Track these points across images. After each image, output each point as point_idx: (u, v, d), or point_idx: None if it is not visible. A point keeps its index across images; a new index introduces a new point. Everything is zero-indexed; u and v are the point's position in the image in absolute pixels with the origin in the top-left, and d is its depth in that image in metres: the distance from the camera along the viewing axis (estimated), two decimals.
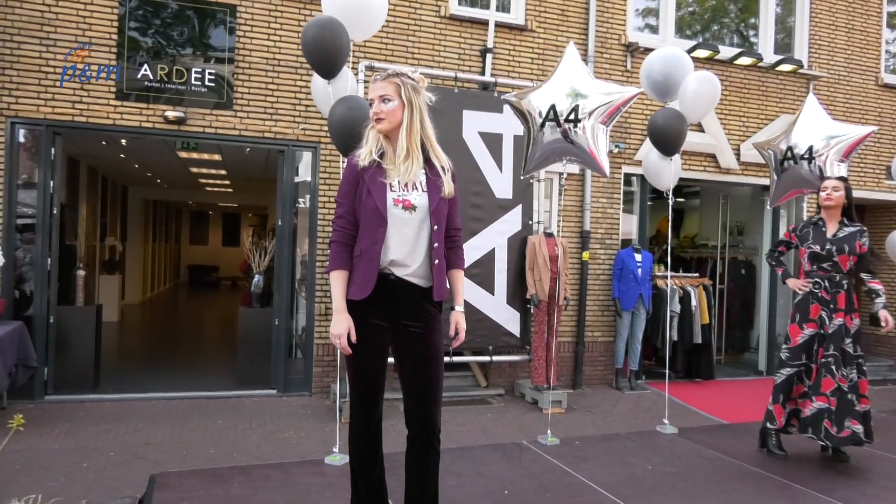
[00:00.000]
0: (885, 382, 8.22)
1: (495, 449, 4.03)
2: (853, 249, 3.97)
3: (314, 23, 4.02)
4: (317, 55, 4.03)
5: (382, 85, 2.49)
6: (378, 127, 2.50)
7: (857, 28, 8.53)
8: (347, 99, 4.11)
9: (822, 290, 4.02)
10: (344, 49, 4.09)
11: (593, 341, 7.21)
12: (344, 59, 4.13)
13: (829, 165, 5.16)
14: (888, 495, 3.39)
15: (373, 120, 2.51)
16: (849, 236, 4.01)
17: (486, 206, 6.39)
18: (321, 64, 4.07)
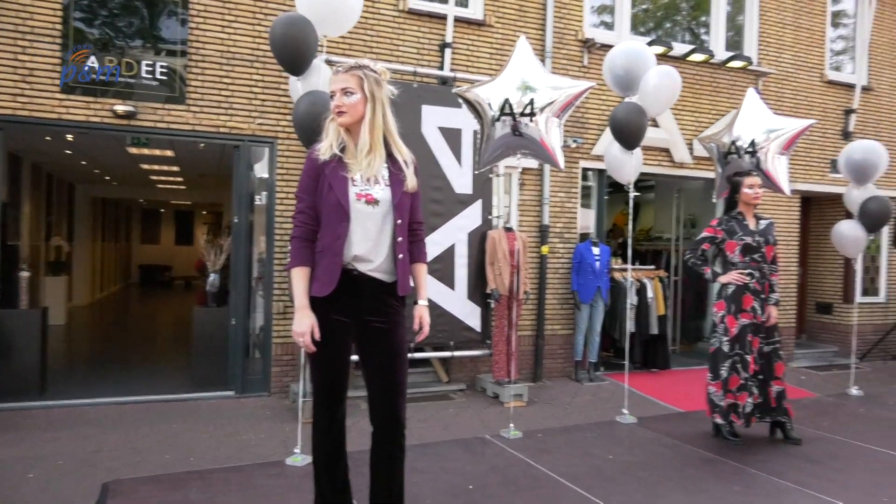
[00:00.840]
0: (830, 368, 8.53)
1: (458, 444, 4.03)
2: (774, 240, 4.23)
3: (281, 20, 4.01)
4: (284, 52, 4.01)
5: (345, 77, 2.45)
6: (339, 120, 2.45)
7: (804, 26, 8.81)
8: (312, 94, 4.05)
9: (754, 281, 4.17)
10: (312, 46, 4.06)
11: (553, 334, 7.28)
12: (312, 55, 4.10)
13: (771, 158, 5.32)
14: (836, 476, 3.51)
15: (334, 113, 2.46)
16: (767, 228, 4.29)
17: (446, 202, 6.38)
18: (289, 61, 4.04)
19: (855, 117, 9.09)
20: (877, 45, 9.39)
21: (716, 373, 4.20)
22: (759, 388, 4.12)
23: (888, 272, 9.64)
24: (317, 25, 4.12)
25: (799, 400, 5.75)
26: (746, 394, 4.08)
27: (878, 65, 9.43)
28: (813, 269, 9.98)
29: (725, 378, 4.09)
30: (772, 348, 4.18)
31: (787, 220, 8.74)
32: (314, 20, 4.09)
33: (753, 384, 4.09)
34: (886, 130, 9.38)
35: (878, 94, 9.40)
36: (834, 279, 9.69)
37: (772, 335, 4.20)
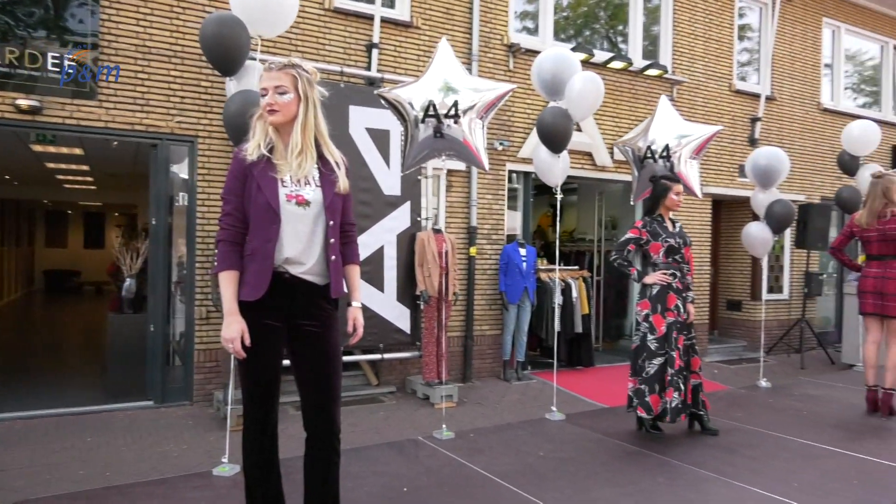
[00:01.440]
0: (740, 362, 9.02)
1: (391, 447, 4.00)
2: (689, 241, 4.50)
3: (212, 19, 3.89)
4: (215, 52, 3.88)
5: (278, 75, 2.39)
6: (271, 119, 2.39)
7: (714, 38, 9.30)
8: (244, 93, 3.93)
9: (676, 281, 4.36)
10: (244, 46, 3.95)
11: (481, 335, 7.36)
12: (244, 55, 3.98)
13: (683, 162, 5.59)
14: (751, 464, 3.71)
15: (265, 111, 2.39)
16: (682, 230, 4.51)
17: (375, 203, 6.33)
18: (221, 61, 3.92)
19: (760, 125, 9.67)
20: (779, 57, 10.03)
21: (635, 369, 4.35)
22: (684, 384, 4.29)
23: (791, 271, 10.31)
24: (250, 25, 4.03)
25: (714, 393, 6.05)
26: (673, 389, 4.21)
27: (779, 76, 10.07)
28: (723, 268, 10.54)
29: (651, 375, 4.24)
30: (689, 344, 4.38)
31: (700, 222, 9.19)
32: (248, 20, 4.00)
33: (680, 380, 4.25)
34: (788, 138, 10.03)
35: (780, 104, 10.04)
36: (742, 278, 10.27)
37: (690, 331, 4.41)
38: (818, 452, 3.95)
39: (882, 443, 4.14)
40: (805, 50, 10.40)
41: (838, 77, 11.12)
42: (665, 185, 4.43)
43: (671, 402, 4.20)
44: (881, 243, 4.99)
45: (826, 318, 10.80)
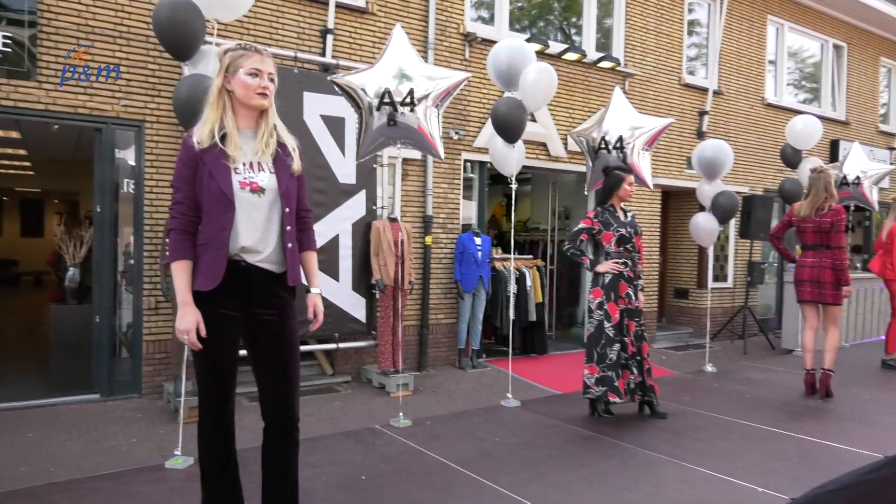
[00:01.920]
0: (687, 348, 9.31)
1: (348, 436, 3.99)
2: (640, 231, 4.58)
3: (166, 3, 3.76)
4: (169, 36, 3.77)
5: (269, 62, 2.41)
6: (260, 102, 2.37)
7: (664, 32, 9.50)
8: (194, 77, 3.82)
9: (628, 269, 4.46)
10: (199, 30, 3.84)
11: (437, 323, 7.38)
12: (199, 40, 3.87)
13: (637, 154, 5.72)
14: (698, 445, 3.85)
15: (256, 93, 2.35)
16: (633, 220, 4.59)
17: (330, 192, 6.26)
18: (174, 45, 3.82)
19: (708, 118, 9.94)
20: (726, 53, 10.32)
21: (590, 356, 4.44)
22: (637, 367, 4.41)
23: (735, 260, 10.67)
24: (206, 9, 3.92)
25: (662, 378, 6.23)
26: (629, 372, 4.37)
27: (726, 71, 10.36)
28: (671, 257, 10.84)
29: (615, 361, 4.33)
30: (640, 331, 4.50)
31: (650, 212, 9.41)
32: (203, 3, 3.89)
33: (633, 364, 4.38)
34: (734, 131, 10.35)
35: (726, 98, 10.35)
36: (689, 267, 10.58)
37: (640, 318, 4.52)
38: (760, 433, 4.11)
39: (820, 424, 4.34)
40: (751, 46, 10.72)
41: (781, 73, 11.52)
42: (618, 175, 4.51)
43: (628, 383, 4.36)
44: (816, 234, 5.22)
45: (767, 306, 11.23)
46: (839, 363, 6.32)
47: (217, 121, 2.34)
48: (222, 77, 2.36)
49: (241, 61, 2.35)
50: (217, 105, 2.36)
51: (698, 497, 3.02)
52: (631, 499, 3.00)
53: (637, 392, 4.43)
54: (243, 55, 2.36)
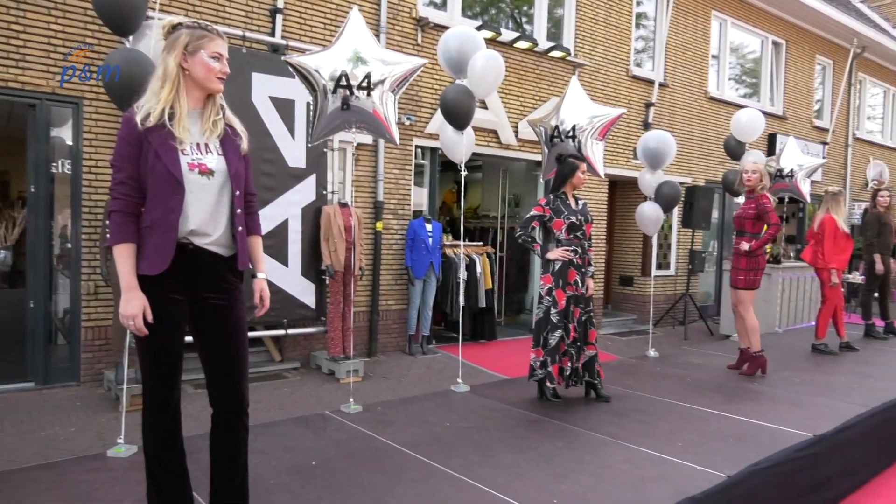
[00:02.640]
0: (630, 334, 9.58)
1: (298, 422, 3.95)
2: (591, 219, 4.59)
3: None
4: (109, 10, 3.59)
5: (224, 45, 2.36)
6: (218, 87, 2.34)
7: (613, 24, 9.65)
8: (130, 52, 3.66)
9: (577, 257, 4.50)
10: (141, 5, 3.69)
11: (387, 309, 7.37)
12: (141, 15, 3.72)
13: (590, 144, 5.81)
14: (641, 427, 3.97)
15: (216, 77, 2.31)
16: (584, 207, 4.60)
17: (279, 175, 6.15)
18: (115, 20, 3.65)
19: (654, 110, 10.18)
20: (672, 46, 10.57)
21: (537, 341, 4.52)
22: (577, 353, 4.52)
23: (677, 248, 11.00)
24: None
25: (607, 363, 6.38)
26: (568, 359, 4.45)
27: (672, 64, 10.62)
28: (618, 245, 11.10)
29: (553, 346, 4.42)
30: (587, 317, 4.60)
31: (598, 201, 9.60)
32: None
33: (573, 350, 4.48)
34: (678, 123, 10.63)
35: (672, 91, 10.61)
36: (634, 255, 10.86)
37: (588, 305, 4.62)
38: (700, 415, 4.28)
39: (755, 405, 4.54)
40: (695, 40, 11.01)
41: (724, 68, 11.88)
42: (572, 164, 4.56)
43: (566, 370, 4.45)
44: (739, 221, 5.60)
45: (707, 293, 11.65)
46: (773, 347, 6.62)
47: (171, 101, 2.26)
48: (180, 55, 2.27)
49: (203, 42, 2.29)
50: (172, 84, 2.26)
51: (641, 476, 3.12)
52: (577, 478, 3.08)
53: (573, 378, 4.51)
54: (206, 37, 2.30)
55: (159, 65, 2.30)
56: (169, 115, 2.24)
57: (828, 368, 5.81)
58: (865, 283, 7.54)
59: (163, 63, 2.29)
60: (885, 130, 17.24)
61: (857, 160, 15.42)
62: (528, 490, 2.92)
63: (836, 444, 3.81)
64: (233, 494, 2.41)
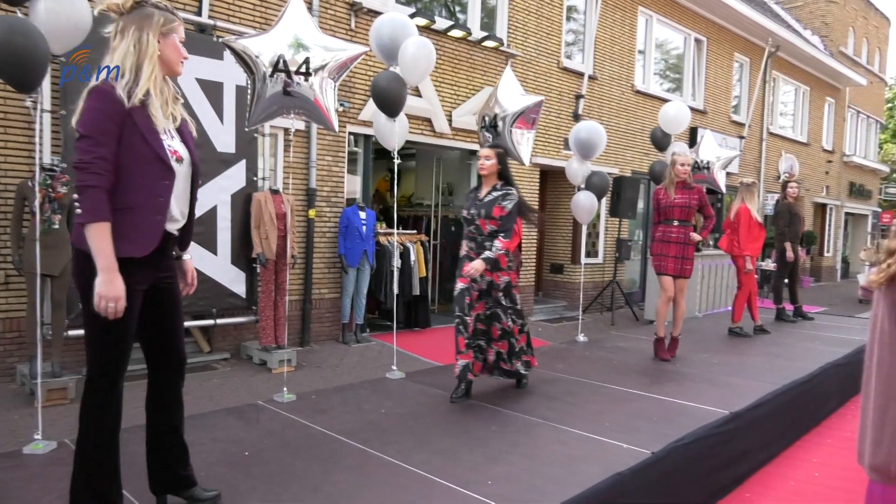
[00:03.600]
0: (561, 320, 9.83)
1: (229, 413, 3.87)
2: (490, 213, 4.15)
3: None
4: None
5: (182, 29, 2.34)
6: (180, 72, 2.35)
7: (545, 16, 9.80)
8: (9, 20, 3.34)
9: (471, 251, 4.26)
10: None
11: (320, 298, 7.29)
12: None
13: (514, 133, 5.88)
14: (571, 409, 4.10)
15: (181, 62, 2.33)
16: (491, 201, 4.18)
17: (207, 160, 5.93)
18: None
19: (583, 102, 10.43)
20: (601, 40, 10.84)
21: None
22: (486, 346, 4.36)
23: (605, 237, 11.35)
24: None
25: (539, 348, 6.52)
26: (473, 352, 4.27)
27: (601, 57, 10.90)
28: (549, 234, 11.34)
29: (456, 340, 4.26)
30: (491, 312, 4.34)
31: (529, 190, 9.77)
32: None
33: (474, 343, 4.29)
34: (606, 115, 10.93)
35: (600, 83, 10.89)
36: (564, 243, 11.13)
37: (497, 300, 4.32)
38: (626, 396, 4.45)
39: (677, 385, 4.76)
40: (623, 35, 11.33)
41: (649, 63, 12.28)
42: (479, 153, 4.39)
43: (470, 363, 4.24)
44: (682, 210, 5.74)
45: (633, 280, 12.09)
46: (693, 331, 6.96)
47: (155, 81, 2.18)
48: (157, 34, 2.19)
49: (175, 26, 2.27)
50: (152, 63, 2.18)
51: (571, 455, 3.23)
52: (511, 460, 3.15)
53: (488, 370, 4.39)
54: (176, 22, 2.28)
55: (129, 38, 2.15)
56: (146, 95, 2.16)
57: (743, 350, 6.15)
58: (777, 270, 8.01)
59: (137, 38, 2.16)
60: (796, 126, 18.30)
61: (770, 154, 16.30)
62: (463, 473, 2.97)
63: (749, 420, 4.05)
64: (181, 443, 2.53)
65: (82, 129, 2.08)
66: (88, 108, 2.09)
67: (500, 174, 4.27)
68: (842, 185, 20.96)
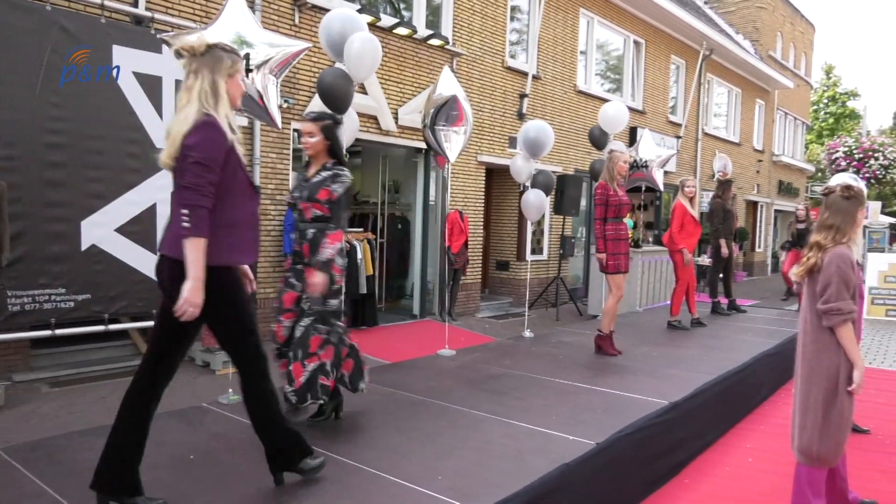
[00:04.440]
0: (507, 317, 9.96)
1: (172, 415, 3.77)
2: (313, 195, 3.39)
3: None
4: None
5: None
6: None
7: (490, 15, 9.90)
8: None
9: (296, 242, 3.48)
10: None
11: (265, 297, 7.17)
12: None
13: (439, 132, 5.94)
14: (518, 403, 4.18)
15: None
16: (317, 183, 3.42)
17: (145, 157, 5.76)
18: None
19: (527, 101, 10.58)
20: (544, 40, 11.02)
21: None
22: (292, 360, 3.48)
23: (550, 234, 11.55)
24: None
25: (486, 345, 6.64)
26: (287, 361, 3.49)
27: (544, 57, 11.08)
28: (494, 232, 11.47)
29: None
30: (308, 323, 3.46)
31: (475, 188, 9.86)
32: None
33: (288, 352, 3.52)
34: (550, 114, 11.13)
35: (544, 83, 11.08)
36: (510, 240, 11.27)
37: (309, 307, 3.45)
38: (571, 389, 4.56)
39: (619, 378, 4.90)
40: (565, 36, 11.55)
41: (591, 63, 12.56)
42: None
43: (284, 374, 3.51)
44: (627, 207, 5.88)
45: (577, 276, 12.35)
46: (634, 325, 7.17)
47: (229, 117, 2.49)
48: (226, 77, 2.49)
49: (239, 66, 2.57)
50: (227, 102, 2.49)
51: (519, 448, 3.29)
52: (461, 455, 3.19)
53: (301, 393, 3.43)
54: (240, 62, 2.59)
55: (203, 80, 2.44)
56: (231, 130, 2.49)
57: (681, 342, 6.39)
58: (712, 265, 8.34)
59: (211, 81, 2.45)
60: (729, 127, 19.05)
61: (705, 153, 16.93)
62: (413, 469, 2.99)
63: (687, 409, 4.22)
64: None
65: (198, 155, 2.36)
66: (206, 137, 2.38)
67: (329, 151, 3.49)
68: (771, 183, 21.95)
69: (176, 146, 2.37)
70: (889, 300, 11.07)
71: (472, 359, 5.48)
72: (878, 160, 16.04)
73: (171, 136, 2.41)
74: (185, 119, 2.38)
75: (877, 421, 5.03)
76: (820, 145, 33.02)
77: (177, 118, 2.42)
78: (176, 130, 2.38)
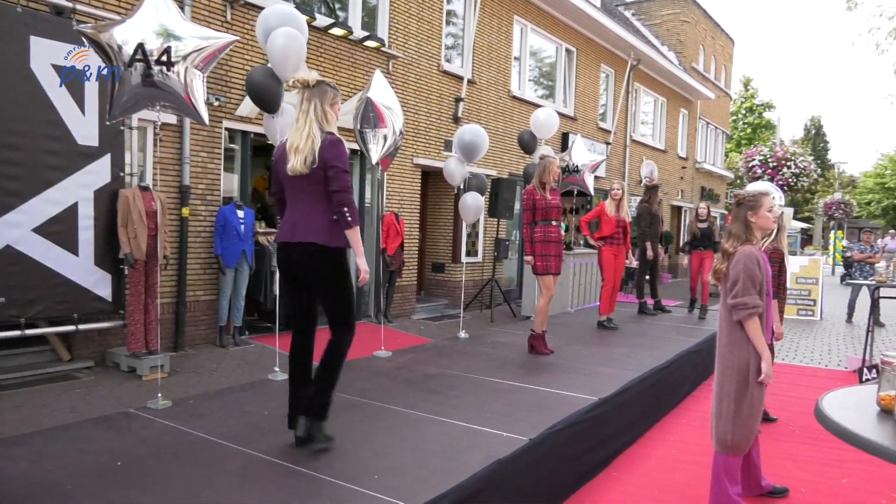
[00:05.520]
0: (442, 318, 10.03)
1: (97, 423, 3.62)
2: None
3: None
4: None
5: None
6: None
7: (426, 19, 9.96)
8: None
9: None
10: None
11: (195, 300, 6.97)
12: None
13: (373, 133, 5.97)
14: (454, 402, 4.23)
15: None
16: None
17: (66, 154, 5.54)
18: None
19: (462, 105, 10.70)
20: (479, 45, 11.18)
21: None
22: None
23: (484, 237, 11.71)
24: None
25: (421, 346, 6.68)
26: None
27: (479, 62, 11.24)
28: (430, 234, 11.52)
29: None
30: None
31: (411, 190, 9.89)
32: None
33: None
34: (485, 118, 11.29)
35: (479, 87, 11.23)
36: (445, 242, 11.35)
37: None
38: (505, 388, 4.65)
39: (551, 376, 5.04)
40: (500, 42, 11.75)
41: (524, 69, 12.82)
42: None
43: None
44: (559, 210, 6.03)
45: (510, 278, 12.56)
46: (566, 325, 7.36)
47: None
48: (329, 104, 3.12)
49: (338, 98, 3.20)
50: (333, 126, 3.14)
51: (455, 446, 3.34)
52: (397, 454, 3.21)
53: None
54: (338, 95, 3.20)
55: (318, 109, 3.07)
56: None
57: (610, 341, 6.61)
58: (639, 268, 8.66)
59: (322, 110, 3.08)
60: (655, 134, 19.82)
61: (633, 159, 17.55)
62: (349, 470, 2.99)
63: (616, 405, 4.39)
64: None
65: (342, 165, 3.06)
66: (342, 151, 3.07)
67: None
68: (695, 189, 22.97)
69: (313, 157, 2.97)
70: (800, 300, 11.79)
71: (408, 359, 5.51)
72: (791, 168, 17.05)
73: (299, 149, 2.98)
74: (310, 136, 2.99)
75: (788, 413, 5.36)
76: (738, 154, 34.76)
77: (299, 135, 3.01)
78: (305, 146, 2.98)
